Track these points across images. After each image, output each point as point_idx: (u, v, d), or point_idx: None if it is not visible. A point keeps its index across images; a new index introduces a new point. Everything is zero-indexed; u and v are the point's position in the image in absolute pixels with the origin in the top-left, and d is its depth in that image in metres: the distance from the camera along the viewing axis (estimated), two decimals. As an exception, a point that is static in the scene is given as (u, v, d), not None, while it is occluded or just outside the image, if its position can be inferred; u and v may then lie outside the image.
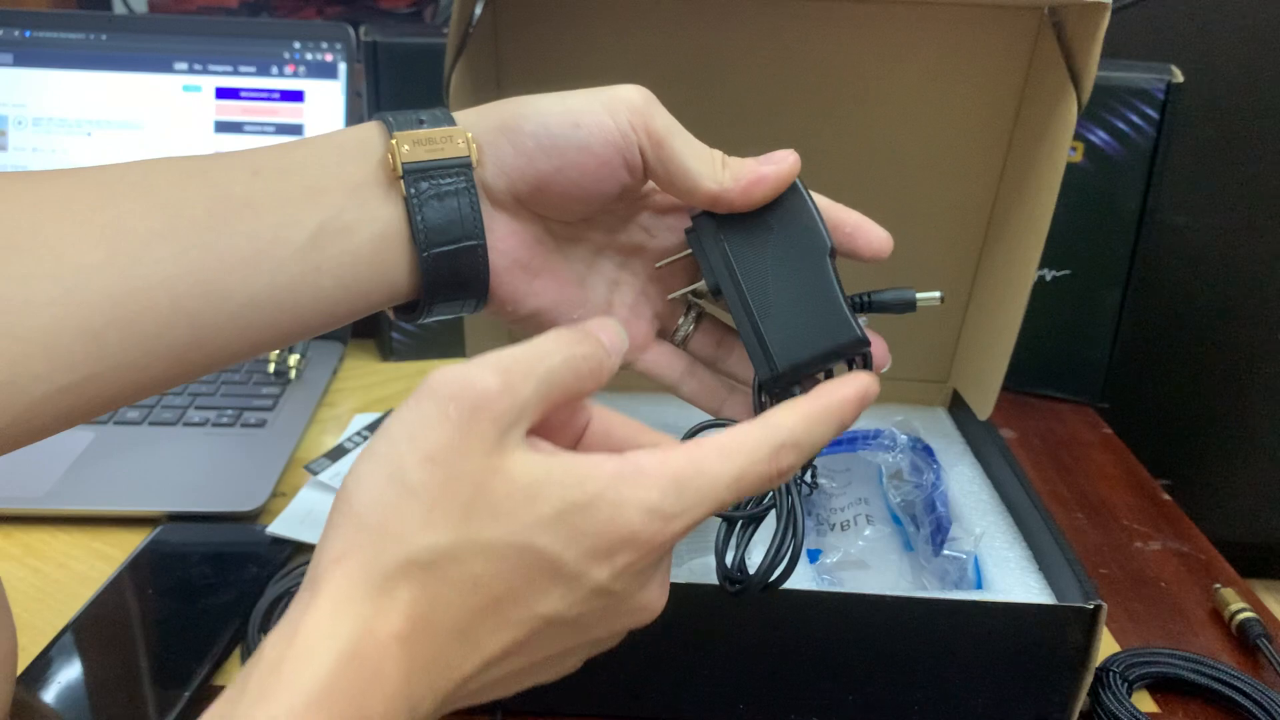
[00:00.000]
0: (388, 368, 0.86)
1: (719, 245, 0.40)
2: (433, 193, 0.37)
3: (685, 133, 0.39)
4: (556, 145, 0.38)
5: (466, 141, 0.38)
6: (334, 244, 0.37)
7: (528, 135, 0.38)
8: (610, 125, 0.38)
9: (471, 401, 0.30)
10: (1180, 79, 0.74)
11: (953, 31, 0.59)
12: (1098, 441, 0.81)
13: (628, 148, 0.38)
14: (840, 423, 0.36)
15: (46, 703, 0.48)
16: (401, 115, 0.39)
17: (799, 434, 0.34)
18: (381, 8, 1.15)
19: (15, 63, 0.85)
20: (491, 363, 0.31)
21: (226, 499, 0.64)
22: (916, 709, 0.49)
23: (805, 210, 0.39)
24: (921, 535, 0.57)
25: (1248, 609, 0.59)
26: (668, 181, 0.39)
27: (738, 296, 0.39)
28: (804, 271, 0.39)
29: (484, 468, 0.30)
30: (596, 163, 0.38)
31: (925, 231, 0.65)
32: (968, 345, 0.69)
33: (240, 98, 0.85)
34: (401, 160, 0.37)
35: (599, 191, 0.39)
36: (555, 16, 0.58)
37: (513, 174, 0.39)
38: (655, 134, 0.38)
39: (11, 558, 0.61)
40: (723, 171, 0.39)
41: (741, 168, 0.39)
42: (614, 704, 0.50)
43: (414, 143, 0.38)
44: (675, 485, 0.31)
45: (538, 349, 0.32)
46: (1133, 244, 0.79)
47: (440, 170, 0.38)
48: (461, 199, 0.38)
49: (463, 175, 0.38)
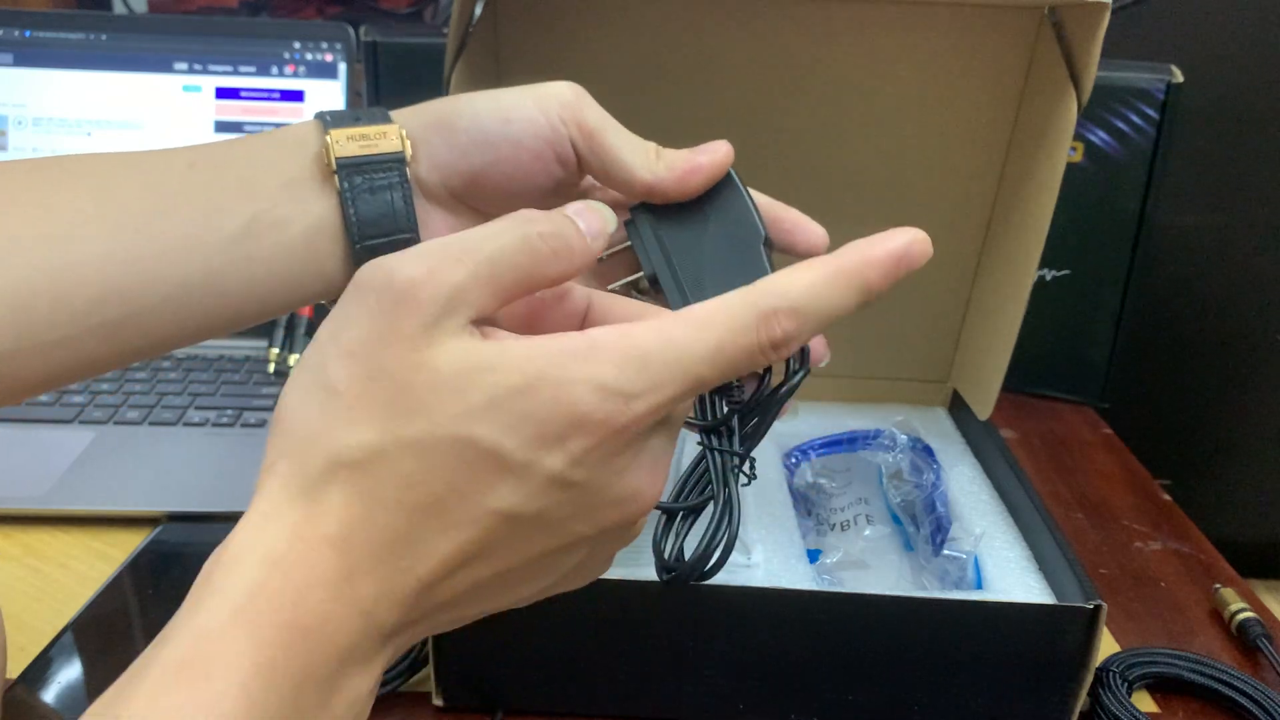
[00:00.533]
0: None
1: (656, 236, 0.40)
2: (366, 187, 0.38)
3: (618, 126, 0.39)
4: (489, 140, 0.39)
5: (400, 137, 0.39)
6: (267, 235, 0.38)
7: (460, 131, 0.39)
8: (541, 120, 0.39)
9: (395, 292, 0.28)
10: (1180, 79, 0.74)
11: (953, 31, 0.59)
12: (1098, 441, 0.81)
13: (558, 141, 0.39)
14: (864, 288, 0.31)
15: (46, 703, 0.48)
16: (339, 113, 0.40)
17: (799, 297, 0.30)
18: (381, 8, 1.15)
19: (15, 63, 0.85)
20: (422, 250, 0.29)
21: (226, 499, 0.64)
22: (916, 709, 0.49)
23: (740, 201, 0.40)
24: (921, 535, 0.57)
25: (1248, 609, 0.59)
26: (603, 173, 0.40)
27: (675, 285, 0.40)
28: (740, 261, 0.39)
29: (408, 361, 0.28)
30: (529, 156, 0.39)
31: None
32: (968, 345, 0.69)
33: (240, 98, 0.85)
34: (336, 155, 0.38)
35: (532, 185, 0.40)
36: (555, 16, 0.58)
37: (446, 169, 0.40)
38: (586, 127, 0.39)
39: (11, 558, 0.61)
40: (657, 162, 0.39)
41: (676, 158, 0.39)
42: (614, 704, 0.50)
43: (348, 138, 0.38)
44: (636, 360, 0.28)
45: (485, 230, 0.30)
46: (1133, 244, 0.79)
47: (373, 165, 0.38)
48: (394, 193, 0.39)
49: (396, 170, 0.39)
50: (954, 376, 0.71)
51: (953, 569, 0.54)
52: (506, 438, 0.28)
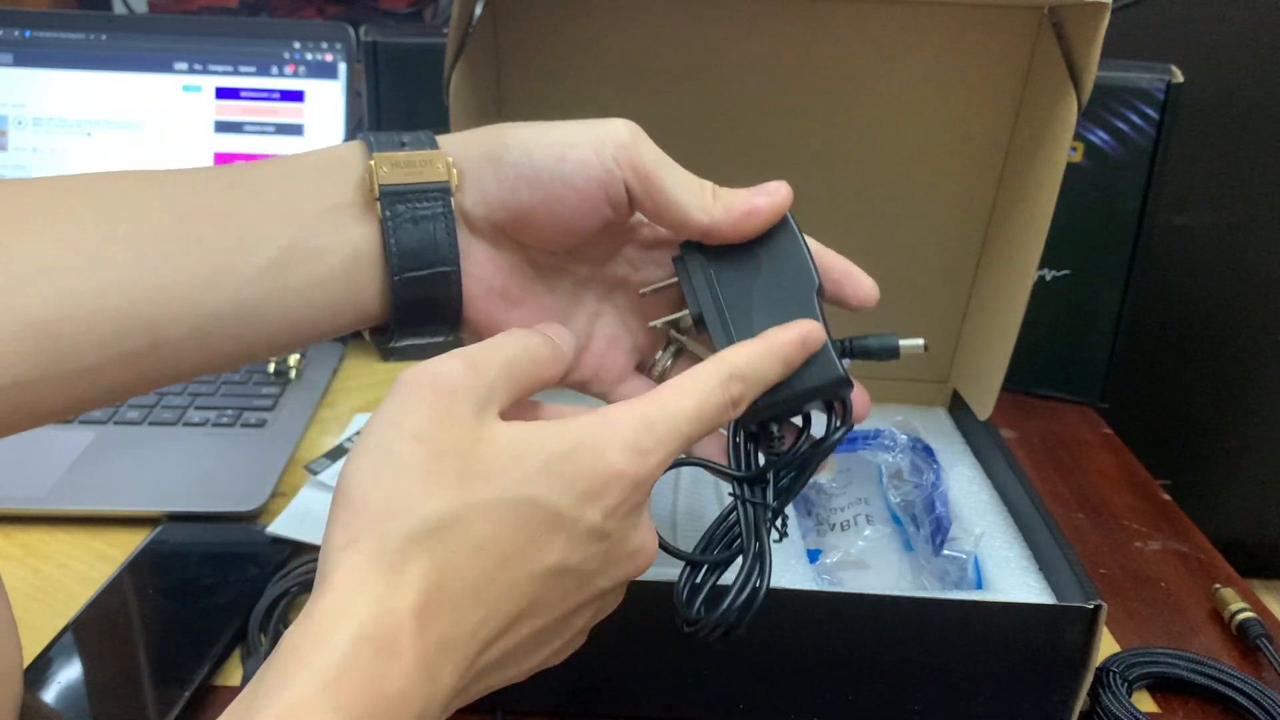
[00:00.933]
0: (388, 368, 0.86)
1: (705, 274, 0.39)
2: (408, 216, 0.37)
3: (674, 165, 0.38)
4: (539, 178, 0.37)
5: (446, 166, 0.38)
6: (303, 265, 0.36)
7: (510, 165, 0.38)
8: (595, 161, 0.37)
9: (446, 384, 0.32)
10: (1180, 79, 0.74)
11: (953, 31, 0.59)
12: (1098, 441, 0.81)
13: (612, 184, 0.38)
14: (785, 361, 0.38)
15: (46, 703, 0.48)
16: (384, 136, 0.38)
17: (744, 367, 0.37)
18: (381, 8, 1.15)
19: (15, 63, 0.85)
20: (455, 353, 0.34)
21: (226, 499, 0.64)
22: (916, 709, 0.49)
23: (795, 245, 0.39)
24: (921, 535, 0.57)
25: (1248, 609, 0.59)
26: (657, 215, 0.39)
27: (721, 327, 0.39)
28: (790, 306, 0.39)
29: (468, 438, 0.32)
30: (579, 198, 0.38)
31: (925, 231, 0.65)
32: (968, 345, 0.69)
33: (240, 98, 0.85)
34: (379, 182, 0.37)
35: (581, 225, 0.39)
36: (555, 16, 0.58)
37: (493, 202, 0.38)
38: (642, 169, 0.38)
39: (11, 558, 0.61)
40: (714, 203, 0.38)
41: (734, 199, 0.38)
42: (614, 704, 0.50)
43: (393, 165, 0.37)
44: (645, 423, 0.34)
45: (494, 342, 0.35)
46: (1133, 244, 0.79)
47: (417, 194, 0.37)
48: (437, 224, 0.37)
49: (440, 200, 0.37)
50: (954, 376, 0.71)
51: (953, 569, 0.54)
52: (561, 496, 0.32)
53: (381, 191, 0.37)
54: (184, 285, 0.35)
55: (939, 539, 0.56)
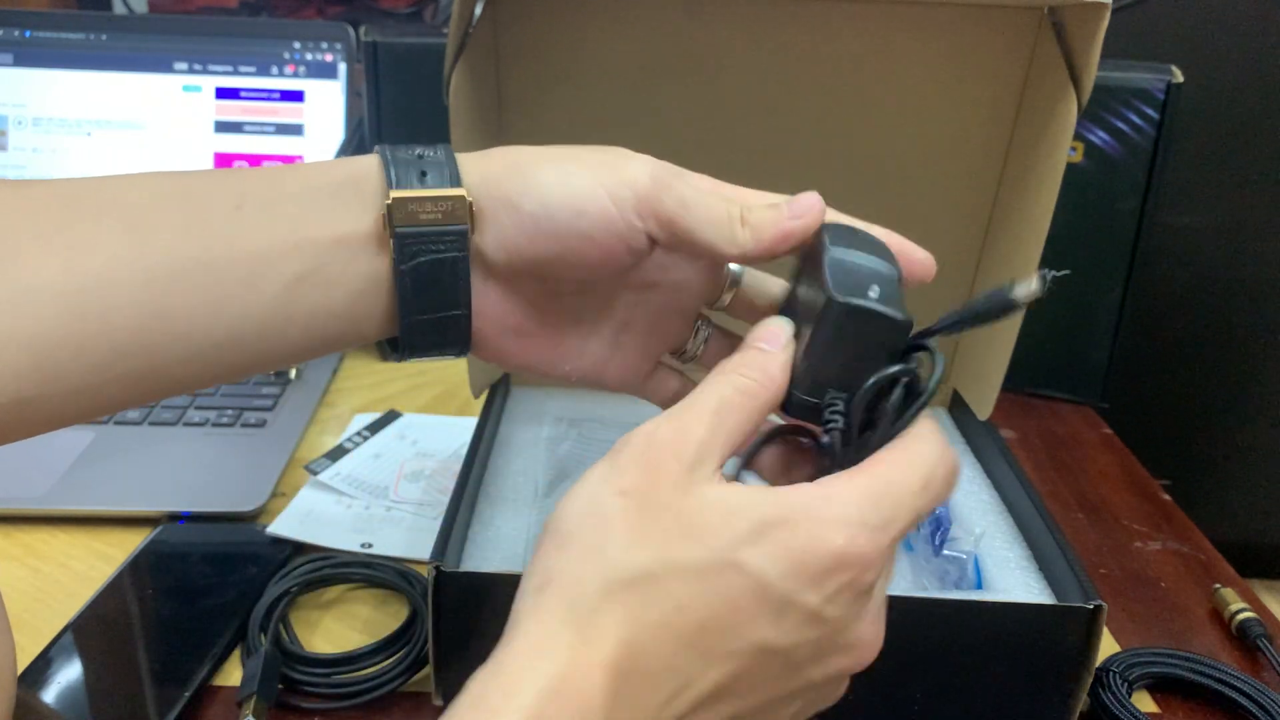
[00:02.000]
0: (388, 368, 0.86)
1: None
2: (424, 258, 0.36)
3: (697, 198, 0.36)
4: (558, 231, 0.36)
5: (467, 208, 0.36)
6: (310, 295, 0.36)
7: (527, 215, 0.36)
8: (614, 215, 0.36)
9: (656, 447, 0.32)
10: (1180, 79, 0.74)
11: (953, 31, 0.59)
12: (1098, 441, 0.81)
13: (633, 236, 0.36)
14: None
15: (46, 703, 0.48)
16: (404, 159, 0.37)
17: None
18: (381, 8, 1.15)
19: (15, 63, 0.85)
20: (666, 414, 0.33)
21: (226, 499, 0.64)
22: (916, 709, 0.49)
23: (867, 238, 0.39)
24: (921, 535, 0.57)
25: (1248, 609, 0.59)
26: (684, 251, 0.38)
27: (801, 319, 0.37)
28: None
29: (677, 497, 0.31)
30: (600, 251, 0.36)
31: (925, 231, 0.65)
32: (968, 345, 0.69)
33: (240, 98, 0.85)
34: (396, 225, 0.36)
35: (602, 270, 0.38)
36: (555, 16, 0.58)
37: (511, 249, 0.37)
38: (664, 216, 0.36)
39: (11, 558, 0.61)
40: (742, 232, 0.37)
41: (763, 225, 0.36)
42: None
43: (412, 201, 0.36)
44: (870, 498, 0.31)
45: (705, 389, 0.34)
46: (1133, 244, 0.79)
47: (435, 237, 0.36)
48: (451, 269, 0.36)
49: (457, 244, 0.36)
50: (954, 376, 0.71)
51: (953, 569, 0.54)
52: (771, 566, 0.30)
53: (396, 234, 0.36)
54: (187, 313, 0.34)
55: (939, 539, 0.56)
